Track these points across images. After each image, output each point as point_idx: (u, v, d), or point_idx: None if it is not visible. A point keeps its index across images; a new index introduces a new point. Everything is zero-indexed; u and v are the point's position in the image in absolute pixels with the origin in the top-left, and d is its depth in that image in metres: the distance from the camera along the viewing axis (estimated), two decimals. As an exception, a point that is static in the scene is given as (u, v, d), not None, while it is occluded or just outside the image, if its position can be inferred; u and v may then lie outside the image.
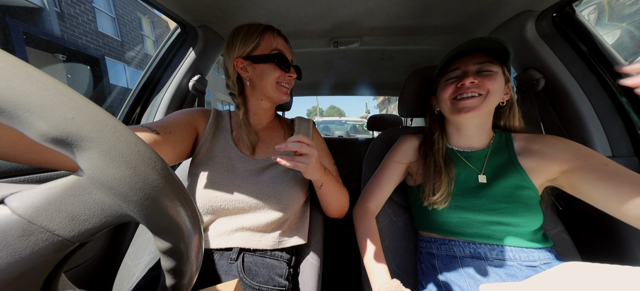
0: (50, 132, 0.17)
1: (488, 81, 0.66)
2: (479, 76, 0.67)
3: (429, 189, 0.72)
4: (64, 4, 7.84)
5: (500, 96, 0.69)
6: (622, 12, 3.72)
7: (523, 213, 0.64)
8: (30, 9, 6.80)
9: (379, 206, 0.82)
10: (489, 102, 0.67)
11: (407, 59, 1.50)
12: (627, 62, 0.73)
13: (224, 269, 0.64)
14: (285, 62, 0.71)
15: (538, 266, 0.62)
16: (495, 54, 0.68)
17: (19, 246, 0.16)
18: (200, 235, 0.26)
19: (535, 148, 0.69)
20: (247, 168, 0.71)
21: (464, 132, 0.77)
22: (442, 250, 0.72)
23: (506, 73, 0.70)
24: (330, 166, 0.83)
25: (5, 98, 0.16)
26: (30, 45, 6.67)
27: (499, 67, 0.68)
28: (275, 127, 0.85)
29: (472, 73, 0.68)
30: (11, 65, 0.16)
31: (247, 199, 0.67)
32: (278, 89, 0.73)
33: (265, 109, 0.79)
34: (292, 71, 0.75)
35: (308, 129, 0.72)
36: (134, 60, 10.76)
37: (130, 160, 0.19)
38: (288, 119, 0.91)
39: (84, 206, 0.18)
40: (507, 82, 0.71)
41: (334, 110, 50.68)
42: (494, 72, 0.67)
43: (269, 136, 0.82)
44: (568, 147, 0.65)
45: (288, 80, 0.74)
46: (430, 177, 0.73)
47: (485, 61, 0.68)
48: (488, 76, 0.67)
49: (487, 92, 0.66)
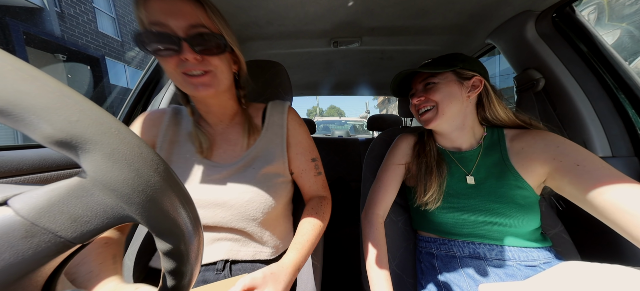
0: (55, 135, 0.17)
1: (432, 94, 0.71)
2: (424, 91, 0.74)
3: (421, 189, 0.73)
4: (64, 4, 7.83)
5: (457, 97, 0.70)
6: (622, 12, 3.71)
7: (516, 213, 0.64)
8: (31, 9, 6.80)
9: (386, 211, 0.81)
10: (443, 110, 0.70)
11: (407, 59, 1.50)
12: (627, 62, 0.73)
13: (212, 281, 0.60)
14: (163, 40, 0.50)
15: (538, 266, 0.62)
16: (434, 67, 0.72)
17: (22, 247, 0.17)
18: (200, 236, 0.26)
19: (520, 146, 0.68)
20: (209, 175, 0.62)
21: (446, 136, 0.78)
22: (442, 249, 0.72)
23: (461, 73, 0.71)
24: (307, 165, 0.72)
25: (12, 101, 0.16)
26: (30, 46, 6.67)
27: (443, 75, 0.71)
28: (240, 122, 0.70)
29: (419, 92, 0.76)
30: (17, 68, 0.17)
31: (213, 212, 0.60)
32: (185, 81, 0.54)
33: (213, 103, 0.63)
34: (187, 48, 0.50)
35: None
36: (134, 60, 10.76)
37: (133, 162, 0.19)
38: (262, 106, 0.75)
39: (87, 207, 0.18)
40: (469, 79, 0.70)
41: (333, 110, 50.73)
42: (435, 83, 0.72)
43: (234, 134, 0.69)
44: (546, 147, 0.62)
45: (191, 65, 0.52)
46: (422, 177, 0.74)
47: (427, 76, 0.74)
48: (430, 89, 0.72)
49: (436, 104, 0.71)
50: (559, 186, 0.59)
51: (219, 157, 0.66)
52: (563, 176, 0.57)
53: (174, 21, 0.49)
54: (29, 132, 0.17)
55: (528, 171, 0.65)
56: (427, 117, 0.74)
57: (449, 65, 0.71)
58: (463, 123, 0.74)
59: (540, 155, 0.62)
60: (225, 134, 0.69)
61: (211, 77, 0.55)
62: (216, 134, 0.69)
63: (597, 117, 0.83)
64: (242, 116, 0.71)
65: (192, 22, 0.51)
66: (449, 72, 0.71)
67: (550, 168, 0.60)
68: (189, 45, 0.50)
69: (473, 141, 0.76)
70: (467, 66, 0.71)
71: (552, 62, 0.88)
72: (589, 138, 0.83)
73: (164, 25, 0.49)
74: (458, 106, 0.71)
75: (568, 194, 0.58)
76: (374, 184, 0.85)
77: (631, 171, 0.77)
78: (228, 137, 0.68)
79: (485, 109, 0.76)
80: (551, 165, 0.60)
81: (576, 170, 0.55)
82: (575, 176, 0.55)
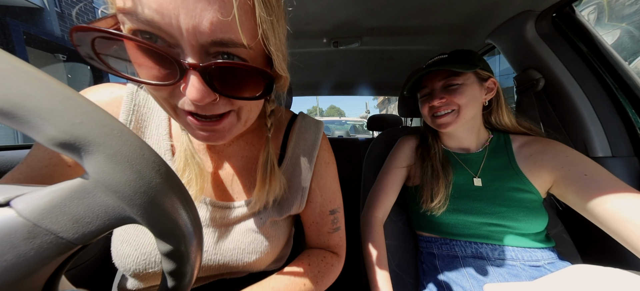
0: (58, 137, 0.17)
1: (456, 97, 0.67)
2: (446, 92, 0.68)
3: (427, 194, 0.72)
4: (64, 4, 7.83)
5: (478, 101, 0.69)
6: (622, 12, 3.71)
7: (524, 217, 0.64)
8: (31, 9, 6.80)
9: (386, 213, 0.81)
10: (464, 115, 0.68)
11: (407, 59, 1.50)
12: (627, 62, 0.73)
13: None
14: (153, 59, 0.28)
15: (541, 266, 0.62)
16: (459, 65, 0.67)
17: (24, 248, 0.17)
18: (200, 236, 0.26)
19: (529, 153, 0.69)
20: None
21: (455, 137, 0.78)
22: (443, 249, 0.72)
23: (481, 73, 0.69)
24: (322, 219, 0.53)
25: (16, 103, 0.16)
26: (30, 45, 6.67)
27: (466, 76, 0.68)
28: (254, 141, 0.50)
29: (438, 91, 0.70)
30: (22, 71, 0.17)
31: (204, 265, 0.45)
32: (187, 123, 0.33)
33: None
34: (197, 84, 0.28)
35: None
36: (134, 60, 10.74)
37: (135, 164, 0.19)
38: (287, 115, 0.55)
39: (88, 209, 0.18)
40: (485, 80, 0.70)
41: (334, 110, 50.69)
42: (459, 84, 0.67)
43: (239, 154, 0.48)
44: (556, 155, 0.63)
45: (201, 107, 0.31)
46: (428, 181, 0.73)
47: (449, 76, 0.68)
48: (454, 91, 0.67)
49: (459, 107, 0.68)
50: (563, 194, 0.60)
51: (214, 189, 0.46)
52: (569, 185, 0.58)
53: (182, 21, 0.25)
54: (32, 134, 0.17)
55: (535, 177, 0.65)
56: (445, 120, 0.69)
57: (471, 64, 0.67)
58: (473, 126, 0.74)
59: (549, 163, 0.63)
60: (226, 153, 0.48)
61: (231, 122, 0.35)
62: (212, 152, 0.48)
63: (597, 117, 0.83)
64: (258, 133, 0.50)
65: (217, 37, 0.27)
66: (471, 72, 0.68)
67: (557, 175, 0.61)
68: (201, 78, 0.28)
69: (479, 143, 0.76)
70: (486, 66, 0.69)
71: (552, 62, 0.88)
72: (589, 138, 0.83)
73: (160, 29, 0.26)
74: (475, 110, 0.70)
75: (571, 203, 0.59)
76: (375, 187, 0.84)
77: (631, 171, 0.77)
78: (230, 156, 0.48)
79: (491, 113, 0.76)
80: (559, 173, 0.60)
81: (583, 179, 0.55)
82: (582, 185, 0.55)
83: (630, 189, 0.50)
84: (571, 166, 0.59)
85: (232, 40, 0.28)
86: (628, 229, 0.47)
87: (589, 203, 0.53)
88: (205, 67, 0.27)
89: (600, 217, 0.52)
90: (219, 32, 0.27)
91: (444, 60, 0.69)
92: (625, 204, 0.48)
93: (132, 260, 0.40)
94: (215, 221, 0.45)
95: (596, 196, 0.52)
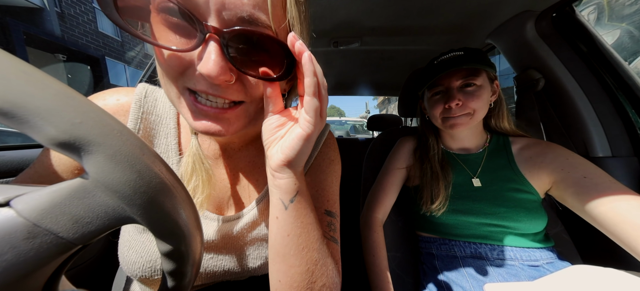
0: (58, 137, 0.17)
1: (473, 101, 0.66)
2: (463, 94, 0.67)
3: (427, 196, 0.72)
4: (64, 4, 7.84)
5: (487, 103, 0.69)
6: (622, 12, 3.71)
7: (523, 217, 0.64)
8: (31, 9, 6.80)
9: (386, 214, 0.81)
10: (477, 118, 0.69)
11: (407, 59, 1.50)
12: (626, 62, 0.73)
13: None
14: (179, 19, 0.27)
15: (540, 266, 0.62)
16: (479, 64, 0.66)
17: (24, 248, 0.17)
18: (200, 237, 0.26)
19: (529, 155, 0.69)
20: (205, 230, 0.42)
21: (458, 137, 0.78)
22: (442, 250, 0.72)
23: (490, 73, 0.69)
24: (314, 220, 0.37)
25: (17, 103, 0.16)
26: (30, 45, 6.67)
27: (483, 76, 0.67)
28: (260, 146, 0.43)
29: (456, 91, 0.67)
30: (22, 71, 0.17)
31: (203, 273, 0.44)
32: (191, 107, 0.31)
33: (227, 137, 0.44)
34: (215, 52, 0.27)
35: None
36: (134, 60, 10.76)
37: (135, 164, 0.19)
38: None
39: (88, 209, 0.18)
40: (493, 81, 0.70)
41: (334, 110, 50.77)
42: (478, 86, 0.66)
43: (245, 160, 0.47)
44: (556, 157, 0.64)
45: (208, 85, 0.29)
46: (427, 183, 0.73)
47: (468, 75, 0.66)
48: (472, 94, 0.66)
49: (474, 111, 0.67)
50: (562, 196, 0.61)
51: (222, 197, 0.45)
52: (568, 187, 0.58)
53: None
54: (32, 134, 0.17)
55: (534, 178, 0.66)
56: (460, 121, 0.68)
57: (486, 63, 0.66)
58: (477, 127, 0.74)
59: (549, 165, 0.63)
60: (236, 158, 0.47)
61: (239, 114, 0.33)
62: (223, 157, 0.46)
63: (597, 117, 0.83)
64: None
65: (246, 11, 0.26)
66: (485, 72, 0.67)
67: (557, 178, 0.61)
68: (220, 45, 0.27)
69: (479, 144, 0.76)
70: (493, 67, 0.69)
71: (552, 62, 0.88)
72: (589, 138, 0.83)
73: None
74: (485, 112, 0.70)
75: (570, 205, 0.59)
76: (374, 188, 0.84)
77: (631, 171, 0.77)
78: (240, 161, 0.47)
79: (492, 116, 0.76)
80: (559, 175, 0.61)
81: (583, 182, 0.56)
82: (581, 187, 0.55)
83: (629, 192, 0.51)
84: (571, 168, 0.60)
85: (261, 20, 0.27)
86: (626, 231, 0.48)
87: (588, 205, 0.53)
88: (228, 33, 0.26)
89: (598, 219, 0.52)
90: (248, 6, 0.26)
91: (462, 57, 0.66)
92: (623, 206, 0.49)
93: (139, 266, 0.40)
94: (222, 231, 0.44)
95: (595, 198, 0.52)
